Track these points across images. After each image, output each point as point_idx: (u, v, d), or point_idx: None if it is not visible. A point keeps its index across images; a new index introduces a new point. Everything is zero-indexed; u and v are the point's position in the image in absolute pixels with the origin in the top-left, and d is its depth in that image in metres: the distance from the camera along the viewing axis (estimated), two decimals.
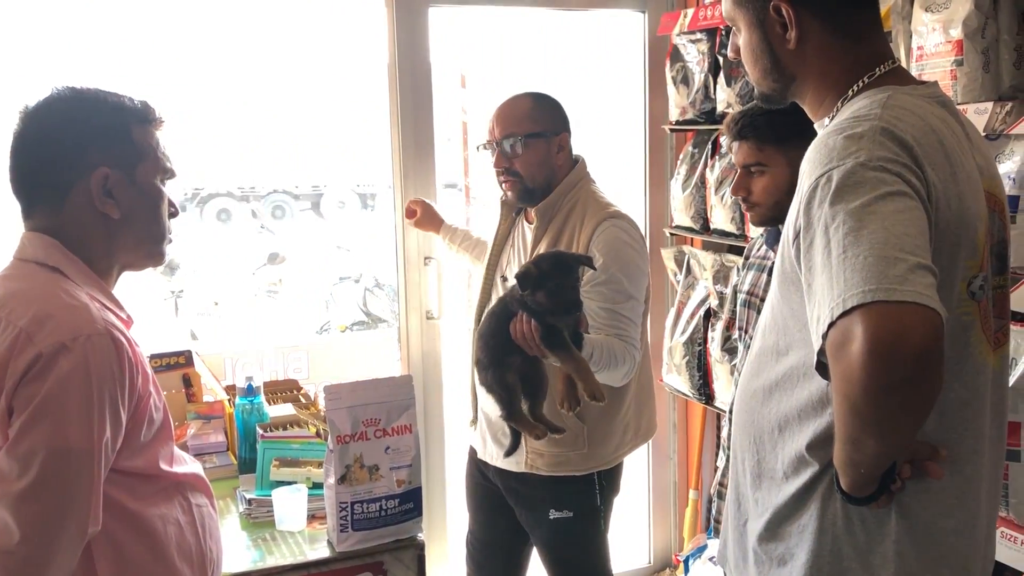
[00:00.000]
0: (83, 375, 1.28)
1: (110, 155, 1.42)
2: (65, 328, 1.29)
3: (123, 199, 1.43)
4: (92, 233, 1.43)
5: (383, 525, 1.87)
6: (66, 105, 1.43)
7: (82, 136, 1.41)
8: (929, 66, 2.07)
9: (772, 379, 1.37)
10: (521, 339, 1.93)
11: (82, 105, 1.44)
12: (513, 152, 2.24)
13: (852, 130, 1.19)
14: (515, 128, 2.24)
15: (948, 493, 1.28)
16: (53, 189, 1.41)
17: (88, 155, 1.41)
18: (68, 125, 1.41)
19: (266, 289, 6.58)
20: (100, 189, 1.41)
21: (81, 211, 1.41)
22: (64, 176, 1.41)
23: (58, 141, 1.41)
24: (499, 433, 2.33)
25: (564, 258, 1.96)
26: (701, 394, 3.07)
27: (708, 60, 2.95)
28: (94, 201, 1.41)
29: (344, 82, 3.02)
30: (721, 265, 2.94)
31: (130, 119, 1.45)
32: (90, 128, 1.42)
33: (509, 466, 2.33)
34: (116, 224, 1.43)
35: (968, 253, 1.23)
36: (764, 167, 1.97)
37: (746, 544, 1.44)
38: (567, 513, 2.32)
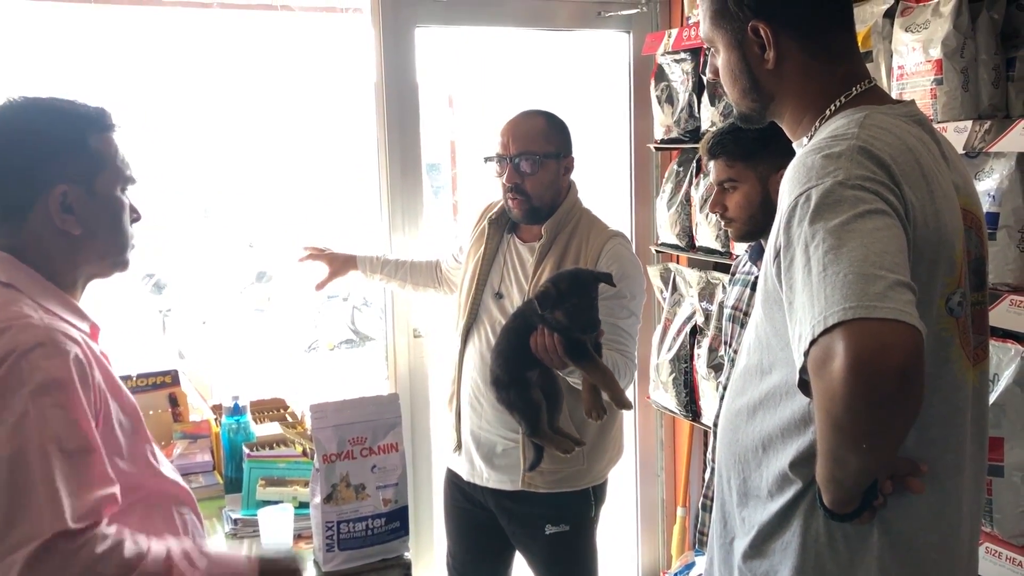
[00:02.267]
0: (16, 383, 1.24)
1: (67, 170, 1.39)
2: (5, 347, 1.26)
3: (83, 214, 1.41)
4: (54, 249, 1.41)
5: (369, 544, 1.86)
6: (18, 118, 1.39)
7: (37, 152, 1.38)
8: (909, 85, 2.10)
9: (756, 398, 1.38)
10: (543, 352, 1.94)
11: (35, 117, 1.40)
12: (527, 171, 2.25)
13: (830, 149, 1.21)
14: (531, 146, 2.25)
15: (929, 508, 1.29)
16: (10, 210, 1.39)
17: (44, 172, 1.38)
18: (22, 139, 1.37)
19: (254, 307, 6.56)
20: (58, 207, 1.38)
21: (42, 229, 1.39)
22: (20, 197, 1.38)
23: (11, 160, 1.37)
24: (493, 452, 2.32)
25: (582, 276, 1.97)
26: (688, 411, 3.08)
27: (692, 80, 2.98)
28: (53, 219, 1.38)
29: (330, 101, 3.04)
30: (707, 282, 2.96)
31: (86, 128, 1.42)
32: (45, 143, 1.38)
33: (503, 485, 2.33)
34: (78, 239, 1.41)
35: (946, 270, 1.24)
36: (736, 183, 2.03)
37: (732, 562, 1.44)
38: (563, 527, 2.34)
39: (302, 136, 3.88)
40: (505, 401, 2.07)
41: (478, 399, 2.33)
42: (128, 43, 2.65)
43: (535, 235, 2.33)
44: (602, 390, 1.96)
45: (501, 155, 2.28)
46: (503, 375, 2.06)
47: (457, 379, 2.38)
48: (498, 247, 2.39)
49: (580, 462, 2.29)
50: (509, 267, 2.36)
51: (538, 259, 2.29)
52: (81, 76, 2.71)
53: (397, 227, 3.00)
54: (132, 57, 2.66)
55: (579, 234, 2.29)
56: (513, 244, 2.38)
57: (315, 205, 7.36)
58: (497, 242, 2.39)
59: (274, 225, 7.37)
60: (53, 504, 1.21)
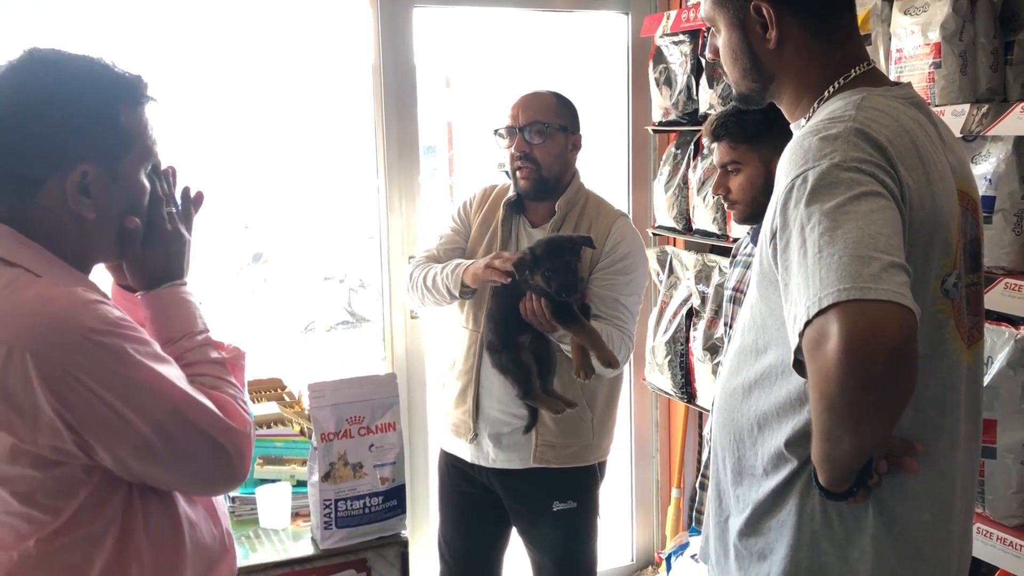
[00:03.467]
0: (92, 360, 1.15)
1: (92, 148, 1.23)
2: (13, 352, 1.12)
3: (100, 198, 1.25)
4: (63, 230, 1.25)
5: (367, 522, 1.87)
6: (47, 77, 1.22)
7: (62, 124, 1.21)
8: (908, 68, 2.10)
9: (751, 377, 1.38)
10: (532, 316, 2.06)
11: (66, 80, 1.22)
12: (537, 139, 2.27)
13: (827, 131, 1.21)
14: (542, 116, 2.28)
15: (923, 488, 1.30)
16: (21, 180, 1.22)
17: (67, 148, 1.22)
18: (48, 105, 1.20)
19: (250, 288, 6.55)
20: (76, 188, 1.22)
21: (52, 206, 1.23)
22: (34, 169, 1.22)
23: (31, 126, 1.20)
24: (502, 432, 2.33)
25: (558, 241, 2.10)
26: (683, 393, 3.09)
27: (691, 62, 2.97)
28: (67, 200, 1.23)
29: (327, 82, 3.01)
30: (703, 265, 2.97)
31: (120, 101, 1.25)
32: (73, 114, 1.22)
33: (511, 464, 2.34)
34: (91, 223, 1.26)
35: (941, 251, 1.25)
36: (739, 165, 2.04)
37: (727, 540, 1.45)
38: (571, 504, 2.37)
39: (299, 117, 3.86)
40: (498, 365, 2.18)
41: (489, 379, 2.33)
42: (120, 22, 2.63)
43: (544, 216, 2.34)
44: (589, 350, 2.07)
45: (511, 126, 2.31)
46: (495, 339, 2.16)
47: (476, 367, 2.33)
48: (511, 230, 2.37)
49: (588, 435, 2.33)
50: (522, 246, 2.34)
51: (552, 233, 2.30)
52: None
53: (394, 209, 3.00)
54: (123, 35, 2.64)
55: (588, 214, 2.33)
56: (524, 227, 2.37)
57: (311, 186, 7.35)
58: (509, 227, 2.37)
59: (270, 206, 7.36)
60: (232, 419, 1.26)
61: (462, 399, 2.37)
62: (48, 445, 1.14)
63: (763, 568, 1.37)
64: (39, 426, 1.12)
